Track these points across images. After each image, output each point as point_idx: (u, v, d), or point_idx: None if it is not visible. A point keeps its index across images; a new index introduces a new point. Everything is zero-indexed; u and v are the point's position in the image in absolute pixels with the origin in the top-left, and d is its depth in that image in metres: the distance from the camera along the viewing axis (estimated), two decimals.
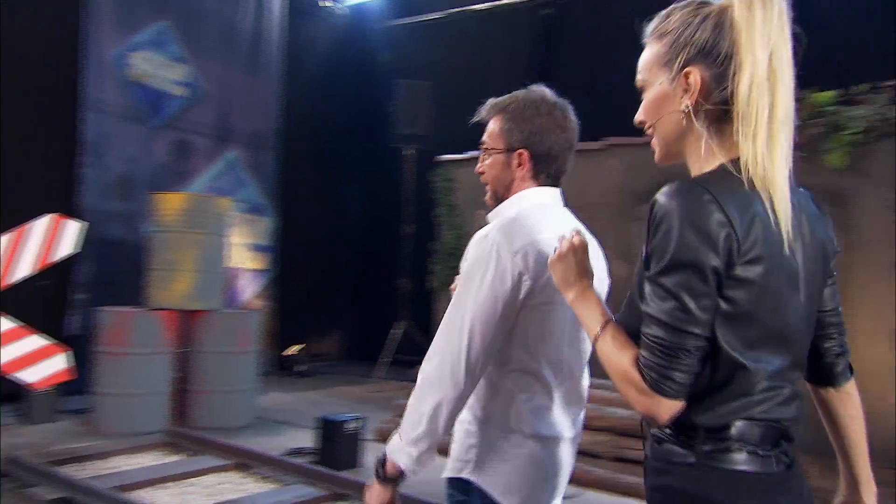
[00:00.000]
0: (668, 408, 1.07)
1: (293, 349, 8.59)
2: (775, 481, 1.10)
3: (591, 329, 1.21)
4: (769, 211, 1.09)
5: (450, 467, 1.60)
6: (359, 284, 9.78)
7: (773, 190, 1.09)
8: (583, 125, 1.69)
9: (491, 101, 1.70)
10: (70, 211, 6.33)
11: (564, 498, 1.65)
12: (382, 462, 1.53)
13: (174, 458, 4.74)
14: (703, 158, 1.16)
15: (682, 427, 1.11)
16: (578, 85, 6.57)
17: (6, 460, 4.19)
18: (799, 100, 1.15)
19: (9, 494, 3.87)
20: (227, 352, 5.70)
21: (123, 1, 6.98)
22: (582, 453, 4.49)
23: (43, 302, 6.00)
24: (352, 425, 4.53)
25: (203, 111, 7.82)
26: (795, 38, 1.14)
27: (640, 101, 1.26)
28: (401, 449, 1.50)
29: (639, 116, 1.26)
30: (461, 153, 7.37)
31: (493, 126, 1.67)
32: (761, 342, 1.10)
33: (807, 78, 1.25)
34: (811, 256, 1.16)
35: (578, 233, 1.35)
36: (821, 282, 1.21)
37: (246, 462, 4.52)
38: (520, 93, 1.68)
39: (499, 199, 1.69)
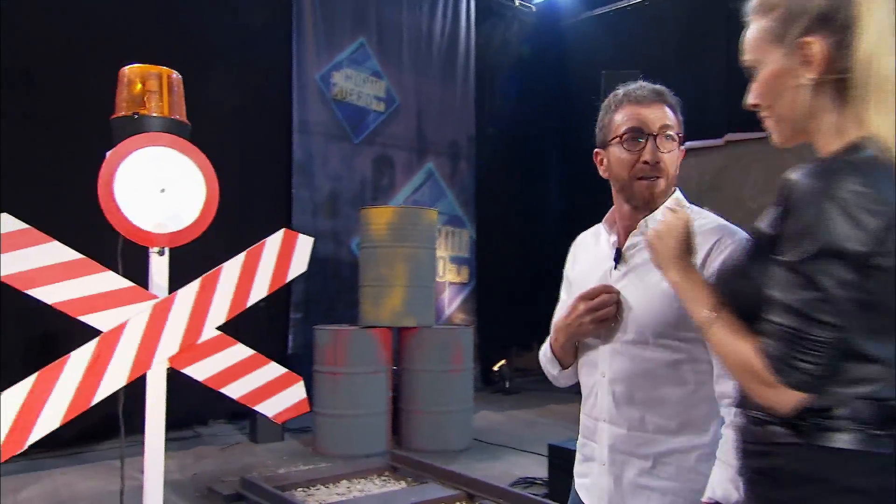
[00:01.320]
0: (794, 399, 1.03)
1: (498, 365, 8.24)
2: (889, 461, 1.03)
3: (698, 312, 1.17)
4: None
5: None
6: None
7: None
8: None
9: None
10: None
11: None
12: None
13: (398, 484, 4.50)
14: (834, 135, 1.07)
15: None
16: None
17: (241, 483, 4.18)
18: None
19: None
20: (442, 370, 5.43)
21: (325, 23, 7.10)
22: None
23: (264, 323, 6.16)
24: None
25: (401, 124, 7.77)
26: None
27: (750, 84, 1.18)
28: (740, 487, 1.21)
29: (752, 99, 1.17)
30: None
31: None
32: (886, 329, 1.04)
33: None
34: None
35: (682, 208, 1.36)
36: None
37: (472, 492, 4.15)
38: None
39: None
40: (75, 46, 5.39)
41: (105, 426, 5.07)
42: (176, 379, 2.29)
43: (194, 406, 5.77)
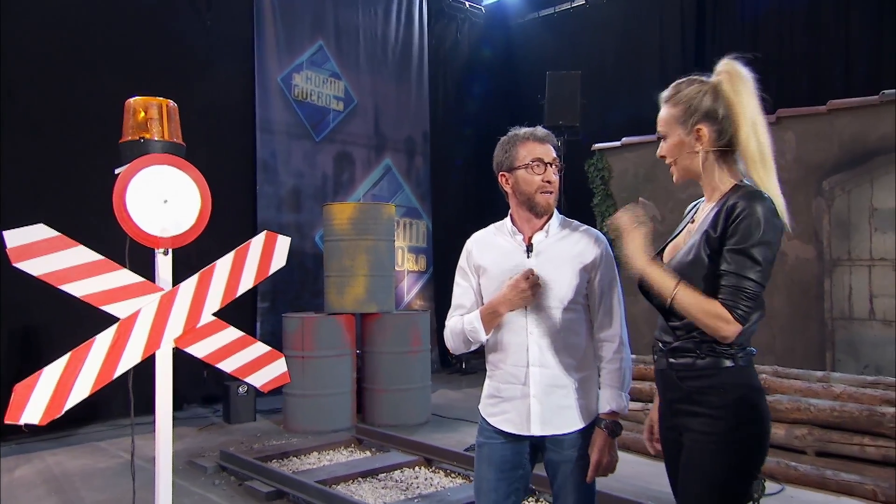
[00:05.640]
0: (738, 330, 1.65)
1: None
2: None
3: (666, 287, 1.72)
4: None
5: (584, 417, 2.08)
6: None
7: (775, 200, 1.70)
8: None
9: None
10: (252, 224, 6.87)
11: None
12: (617, 423, 2.03)
13: (364, 454, 5.00)
14: (717, 180, 1.79)
15: (727, 344, 1.71)
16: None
17: (222, 456, 4.62)
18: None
19: (229, 486, 4.26)
20: (402, 352, 5.92)
21: (285, 27, 7.47)
22: (781, 448, 4.24)
23: (232, 312, 6.55)
24: None
25: (359, 122, 8.20)
26: (762, 99, 1.75)
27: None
28: (626, 401, 2.05)
29: (661, 153, 1.87)
30: (615, 140, 7.19)
31: None
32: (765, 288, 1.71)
33: None
34: None
35: (635, 206, 1.85)
36: None
37: (431, 457, 4.67)
38: None
39: None
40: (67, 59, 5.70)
41: (86, 412, 5.45)
42: (152, 368, 2.69)
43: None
